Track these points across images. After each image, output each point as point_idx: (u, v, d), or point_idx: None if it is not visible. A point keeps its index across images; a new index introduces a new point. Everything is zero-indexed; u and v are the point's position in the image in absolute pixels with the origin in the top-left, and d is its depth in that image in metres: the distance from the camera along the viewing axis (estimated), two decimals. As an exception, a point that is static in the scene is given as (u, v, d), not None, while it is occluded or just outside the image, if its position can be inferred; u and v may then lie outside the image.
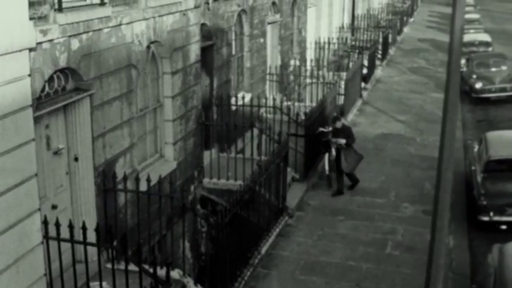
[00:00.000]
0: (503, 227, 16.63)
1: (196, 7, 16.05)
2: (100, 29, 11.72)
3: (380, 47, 37.63)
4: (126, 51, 12.73)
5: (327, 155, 19.48)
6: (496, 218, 16.50)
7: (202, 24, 17.16)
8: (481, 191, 16.78)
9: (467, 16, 51.30)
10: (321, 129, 19.91)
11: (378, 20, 47.35)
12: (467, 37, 40.21)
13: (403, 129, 25.60)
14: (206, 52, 17.75)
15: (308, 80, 26.10)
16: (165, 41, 14.45)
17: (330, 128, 19.99)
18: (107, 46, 12.00)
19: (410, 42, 48.12)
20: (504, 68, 31.14)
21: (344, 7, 39.18)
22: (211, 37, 18.02)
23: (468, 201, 18.36)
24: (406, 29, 53.97)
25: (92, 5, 11.52)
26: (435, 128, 25.43)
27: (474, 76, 30.95)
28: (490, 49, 37.69)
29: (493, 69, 31.21)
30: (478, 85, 30.28)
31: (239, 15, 20.45)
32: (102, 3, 11.76)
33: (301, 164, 19.29)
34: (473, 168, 18.56)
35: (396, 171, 20.87)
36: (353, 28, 40.77)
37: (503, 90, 30.05)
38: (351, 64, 31.20)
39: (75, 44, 10.97)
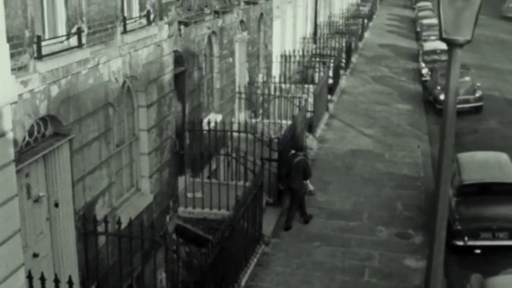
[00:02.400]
0: (478, 251, 16.79)
1: (170, 36, 15.90)
2: (78, 72, 11.52)
3: (343, 55, 37.72)
4: (103, 90, 12.56)
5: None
6: (471, 243, 16.64)
7: (174, 51, 17.01)
8: (455, 215, 16.91)
9: (427, 21, 51.91)
10: (293, 151, 19.93)
11: (339, 26, 47.52)
12: (429, 45, 40.66)
13: (371, 144, 25.68)
14: (178, 78, 17.60)
15: (273, 93, 26.05)
16: (141, 75, 14.29)
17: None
18: (85, 88, 11.81)
19: (372, 49, 48.38)
20: (467, 78, 31.43)
21: (307, 16, 39.21)
22: (182, 63, 17.88)
23: (441, 223, 18.45)
24: (366, 34, 54.27)
25: (71, 49, 11.31)
26: (402, 143, 25.75)
27: (438, 87, 31.19)
28: (452, 57, 38.00)
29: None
30: (443, 96, 30.46)
31: (209, 37, 20.32)
32: (80, 45, 11.55)
33: (274, 187, 19.23)
34: (446, 190, 18.66)
35: (367, 191, 20.92)
36: (315, 37, 40.83)
37: (467, 101, 30.35)
38: (315, 75, 31.35)
39: (54, 90, 10.78)
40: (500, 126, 28.50)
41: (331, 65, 32.77)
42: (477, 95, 30.10)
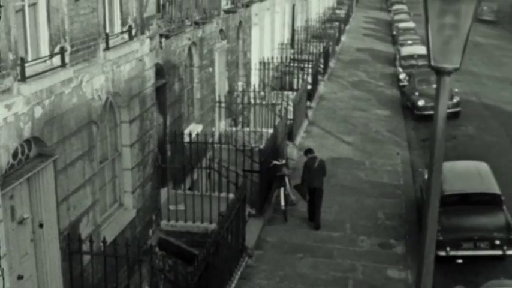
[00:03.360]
0: (459, 261, 16.90)
1: (151, 50, 15.85)
2: (62, 92, 11.45)
3: (321, 60, 37.81)
4: (86, 108, 12.49)
5: (282, 190, 19.49)
6: (453, 253, 16.75)
7: (156, 64, 16.95)
8: (437, 226, 16.96)
9: (403, 25, 52.18)
10: (274, 162, 19.95)
11: (316, 30, 47.64)
12: (406, 50, 40.86)
13: (351, 152, 25.77)
14: (159, 91, 17.54)
15: (253, 101, 26.07)
16: (123, 91, 14.23)
17: (284, 161, 20.14)
18: (68, 107, 11.74)
19: (349, 53, 48.59)
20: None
21: (285, 21, 39.26)
22: (163, 75, 17.83)
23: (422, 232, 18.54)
24: (343, 38, 54.47)
25: (54, 69, 11.22)
26: (382, 150, 25.85)
27: (416, 93, 31.40)
28: (428, 62, 38.22)
29: (435, 86, 31.58)
30: (421, 102, 30.72)
31: (189, 48, 20.27)
32: (64, 65, 11.47)
33: (256, 198, 19.23)
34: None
35: (349, 200, 21.00)
36: (293, 43, 40.90)
37: (445, 107, 30.47)
38: (294, 81, 31.40)
39: (38, 111, 10.70)
40: (478, 132, 28.74)
41: (310, 70, 32.84)
42: (455, 100, 30.28)
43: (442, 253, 16.89)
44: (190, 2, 19.02)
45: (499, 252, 16.80)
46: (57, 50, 11.44)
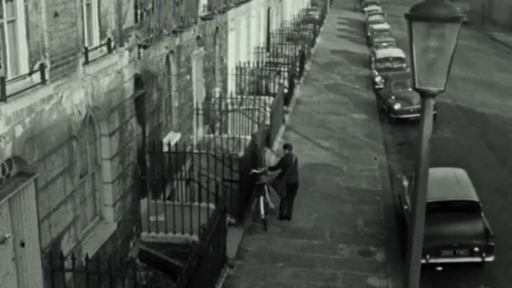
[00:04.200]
0: (439, 268, 17.02)
1: (130, 62, 15.79)
2: (42, 109, 11.36)
3: (297, 63, 37.87)
4: (67, 124, 12.40)
5: (262, 198, 19.54)
6: (432, 260, 16.86)
7: (134, 75, 16.88)
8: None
9: (378, 26, 52.43)
10: (254, 170, 19.96)
11: (291, 32, 47.74)
12: (381, 53, 41.05)
13: (328, 157, 25.85)
14: (138, 101, 17.47)
15: (230, 107, 26.06)
16: (102, 104, 14.15)
17: (263, 169, 20.17)
18: (49, 124, 11.65)
19: (324, 55, 48.73)
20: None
21: (260, 25, 39.27)
22: (142, 85, 17.76)
23: (401, 240, 18.69)
24: (318, 40, 54.62)
25: (34, 86, 11.13)
26: (359, 155, 25.96)
27: (393, 97, 31.57)
28: (404, 65, 38.51)
29: (410, 89, 31.78)
30: (397, 106, 30.90)
31: (167, 57, 20.21)
32: (44, 81, 11.39)
33: (235, 207, 19.22)
34: (405, 207, 18.89)
35: (328, 207, 21.06)
36: (268, 46, 40.93)
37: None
38: (270, 85, 31.44)
39: (19, 130, 10.61)
40: (454, 135, 28.96)
41: (286, 74, 32.91)
42: (431, 103, 30.36)
43: (422, 261, 16.86)
44: (167, 10, 18.94)
45: (478, 259, 16.94)
46: (37, 66, 11.34)
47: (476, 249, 16.90)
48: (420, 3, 7.44)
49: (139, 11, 17.24)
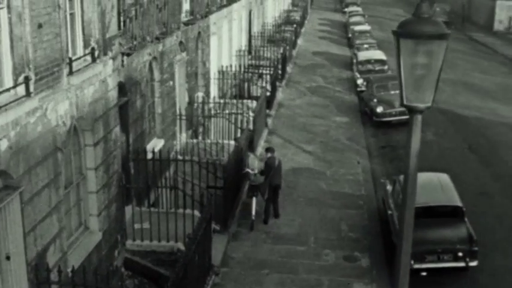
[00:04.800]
0: (424, 273, 17.10)
1: (114, 71, 15.74)
2: (27, 122, 11.30)
3: (279, 65, 37.89)
4: (51, 136, 12.35)
5: (254, 200, 19.93)
6: (417, 266, 16.92)
7: (118, 83, 16.82)
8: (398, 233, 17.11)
9: (359, 28, 52.58)
10: (247, 169, 20.15)
11: (273, 34, 47.78)
12: (363, 55, 41.16)
13: (311, 161, 25.90)
14: (122, 109, 17.41)
15: (213, 112, 26.03)
16: (87, 114, 14.10)
17: (256, 171, 20.28)
18: (34, 137, 11.60)
19: (305, 57, 48.79)
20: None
21: (242, 28, 39.26)
22: (126, 93, 17.70)
23: (386, 245, 18.78)
24: (299, 41, 54.68)
25: (19, 99, 11.06)
26: (342, 159, 26.03)
27: (375, 100, 31.67)
28: (385, 67, 38.66)
29: (392, 92, 31.99)
30: (379, 109, 31.01)
31: (150, 63, 20.16)
32: (28, 94, 11.33)
33: (220, 213, 19.20)
34: (389, 212, 18.99)
35: (311, 212, 21.09)
36: (250, 49, 40.93)
37: (403, 113, 30.73)
38: (252, 88, 31.44)
39: (4, 144, 10.55)
40: (436, 138, 29.09)
41: (268, 77, 32.94)
42: (413, 107, 30.50)
43: (407, 266, 17.04)
44: (150, 17, 18.89)
45: (462, 264, 17.06)
46: (21, 79, 11.28)
47: (460, 254, 17.02)
48: (407, 20, 7.49)
49: (122, 18, 17.18)
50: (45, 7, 12.09)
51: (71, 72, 13.16)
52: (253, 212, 19.90)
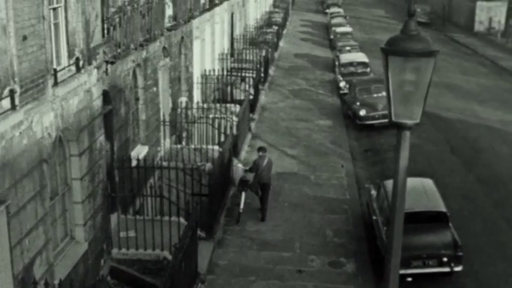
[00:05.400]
0: (409, 279, 17.17)
1: (98, 80, 15.70)
2: (13, 136, 11.25)
3: (262, 68, 37.88)
4: (37, 148, 12.31)
5: (244, 194, 20.90)
6: (402, 271, 16.90)
7: (103, 92, 16.77)
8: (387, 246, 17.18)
9: (340, 29, 52.72)
10: (239, 165, 22.25)
11: (255, 37, 47.81)
12: (345, 57, 41.26)
13: (295, 166, 25.93)
14: (106, 117, 17.36)
15: (196, 116, 26.00)
16: (72, 124, 14.06)
17: (247, 168, 21.91)
18: (19, 150, 11.55)
19: (287, 59, 48.85)
20: (385, 93, 32.05)
21: (224, 31, 39.26)
22: (110, 101, 17.65)
23: (370, 250, 18.85)
24: (281, 43, 54.72)
25: (4, 112, 11.01)
26: (326, 163, 26.09)
27: (358, 103, 31.79)
28: (368, 69, 38.79)
29: (375, 95, 32.16)
30: (362, 112, 31.13)
31: (134, 70, 20.12)
32: (14, 107, 11.28)
33: (205, 220, 19.17)
34: (374, 218, 19.07)
35: (296, 217, 21.12)
36: (233, 52, 40.92)
37: (386, 116, 30.69)
38: (235, 92, 31.45)
39: (-10, 158, 10.50)
40: (419, 141, 29.11)
41: (251, 81, 32.97)
42: (396, 110, 30.63)
43: (392, 272, 17.12)
44: (134, 24, 18.84)
45: (447, 269, 17.16)
46: (6, 92, 11.22)
47: (445, 259, 17.12)
48: (395, 37, 7.54)
49: (106, 26, 17.13)
50: (30, 19, 12.04)
51: (56, 83, 13.12)
52: (241, 205, 20.71)
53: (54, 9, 13.76)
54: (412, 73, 7.44)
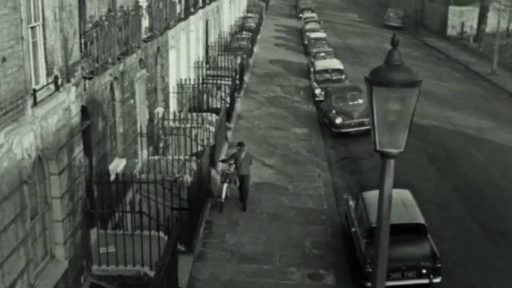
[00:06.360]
0: (389, 291, 17.28)
1: (77, 97, 15.63)
2: (-6, 159, 11.19)
3: (237, 76, 37.86)
4: (17, 170, 12.23)
5: (225, 185, 22.69)
6: (381, 284, 17.07)
7: (81, 107, 16.70)
8: (366, 258, 17.33)
9: (315, 35, 52.89)
10: (223, 158, 24.16)
11: (229, 43, 47.80)
12: (320, 64, 41.38)
13: (273, 176, 25.97)
14: (85, 133, 17.29)
15: (173, 127, 25.95)
16: (51, 144, 13.98)
17: (230, 163, 23.00)
18: (0, 173, 11.46)
19: (262, 65, 48.89)
20: (361, 101, 32.36)
21: (199, 38, 39.23)
22: (88, 116, 17.58)
23: (350, 261, 18.94)
24: (256, 49, 54.74)
25: (-15, 136, 10.95)
26: (303, 172, 26.17)
27: (334, 111, 31.91)
28: (343, 76, 38.93)
29: (351, 103, 32.33)
30: (338, 120, 31.27)
31: (111, 84, 20.05)
32: (-6, 130, 11.22)
33: (185, 234, 19.16)
34: (353, 229, 19.16)
35: (275, 229, 21.17)
36: (208, 60, 40.87)
37: (362, 124, 31.22)
38: (211, 100, 31.47)
39: (-29, 183, 10.41)
40: (394, 149, 29.30)
41: (227, 88, 32.98)
42: (372, 117, 30.82)
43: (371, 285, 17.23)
44: (112, 38, 18.77)
45: (426, 281, 17.33)
46: (-14, 115, 11.15)
47: (424, 271, 17.28)
48: (379, 67, 7.62)
49: (83, 40, 17.05)
50: (9, 40, 11.97)
51: (35, 103, 13.04)
52: (223, 196, 22.56)
53: (32, 27, 13.67)
54: (396, 103, 7.53)
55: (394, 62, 7.51)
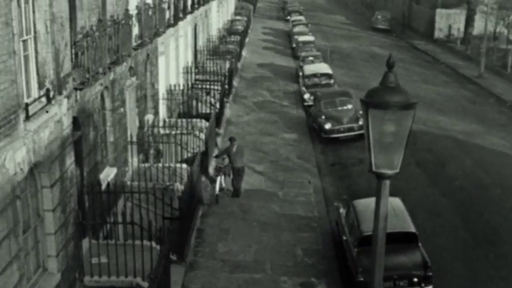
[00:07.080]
0: (380, 300, 17.32)
1: (69, 109, 15.62)
2: (-13, 176, 11.18)
3: (226, 80, 37.81)
4: (10, 185, 12.22)
5: (219, 178, 23.79)
6: (374, 293, 17.14)
7: (72, 119, 16.68)
8: (357, 267, 17.40)
9: (303, 38, 52.96)
10: (217, 153, 24.97)
11: (218, 47, 47.79)
12: (309, 69, 41.42)
13: (263, 182, 26.00)
14: (76, 144, 17.27)
15: (163, 134, 25.95)
16: (44, 157, 13.97)
17: (223, 158, 24.04)
18: (-7, 189, 11.46)
19: (251, 69, 48.93)
20: (350, 106, 32.45)
21: (188, 43, 39.21)
22: (79, 127, 17.56)
23: (341, 269, 18.99)
24: (244, 53, 54.73)
25: (-22, 153, 10.94)
26: (293, 178, 26.22)
27: (323, 116, 31.97)
28: (331, 81, 38.98)
29: (340, 109, 32.40)
30: (328, 126, 31.34)
31: (101, 93, 20.03)
32: (-13, 147, 11.20)
33: (176, 244, 19.15)
34: (344, 238, 19.22)
35: (266, 237, 21.18)
36: (197, 65, 40.83)
37: (351, 129, 31.32)
38: (201, 106, 31.47)
39: (-35, 201, 10.40)
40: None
41: (216, 93, 32.99)
42: (360, 122, 30.92)
43: (364, 293, 17.34)
44: (102, 48, 18.74)
45: (417, 289, 17.41)
46: (-20, 132, 11.14)
47: (416, 279, 17.37)
48: (375, 89, 7.67)
49: (74, 51, 17.02)
50: (1, 55, 11.97)
51: (27, 117, 13.04)
52: (217, 188, 23.76)
53: (24, 41, 13.65)
54: (392, 124, 7.59)
55: (389, 84, 7.56)
